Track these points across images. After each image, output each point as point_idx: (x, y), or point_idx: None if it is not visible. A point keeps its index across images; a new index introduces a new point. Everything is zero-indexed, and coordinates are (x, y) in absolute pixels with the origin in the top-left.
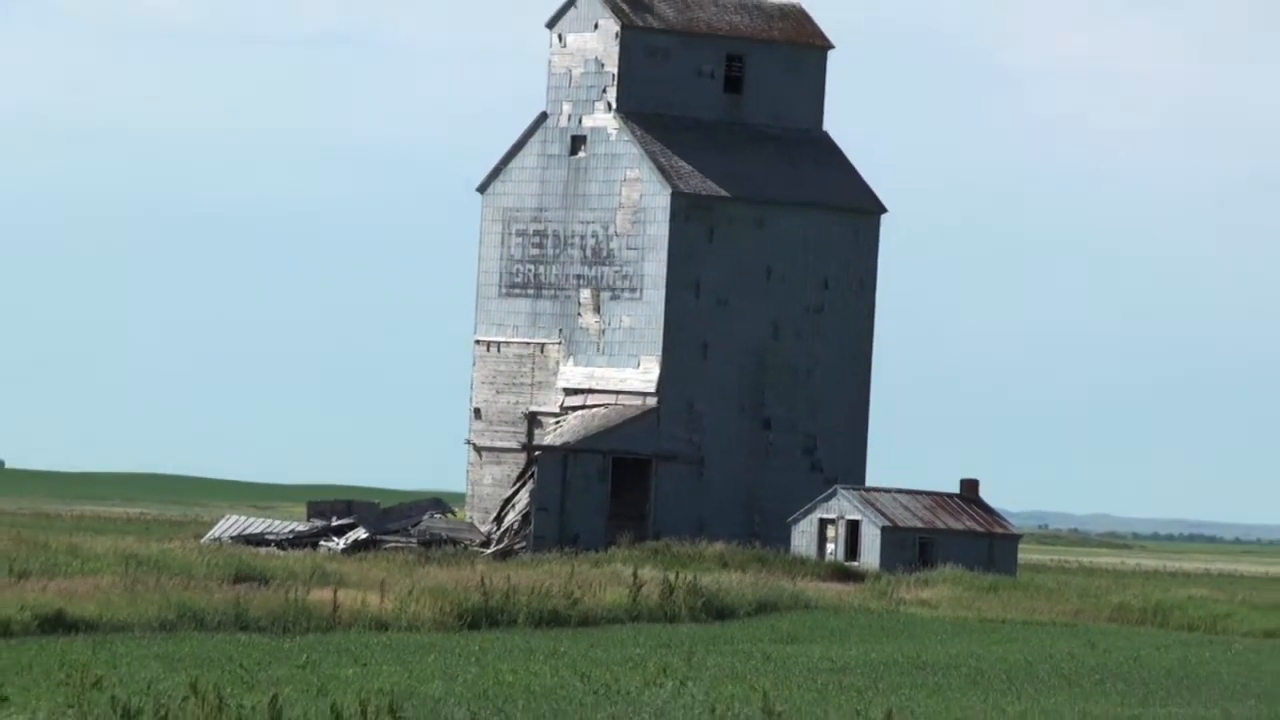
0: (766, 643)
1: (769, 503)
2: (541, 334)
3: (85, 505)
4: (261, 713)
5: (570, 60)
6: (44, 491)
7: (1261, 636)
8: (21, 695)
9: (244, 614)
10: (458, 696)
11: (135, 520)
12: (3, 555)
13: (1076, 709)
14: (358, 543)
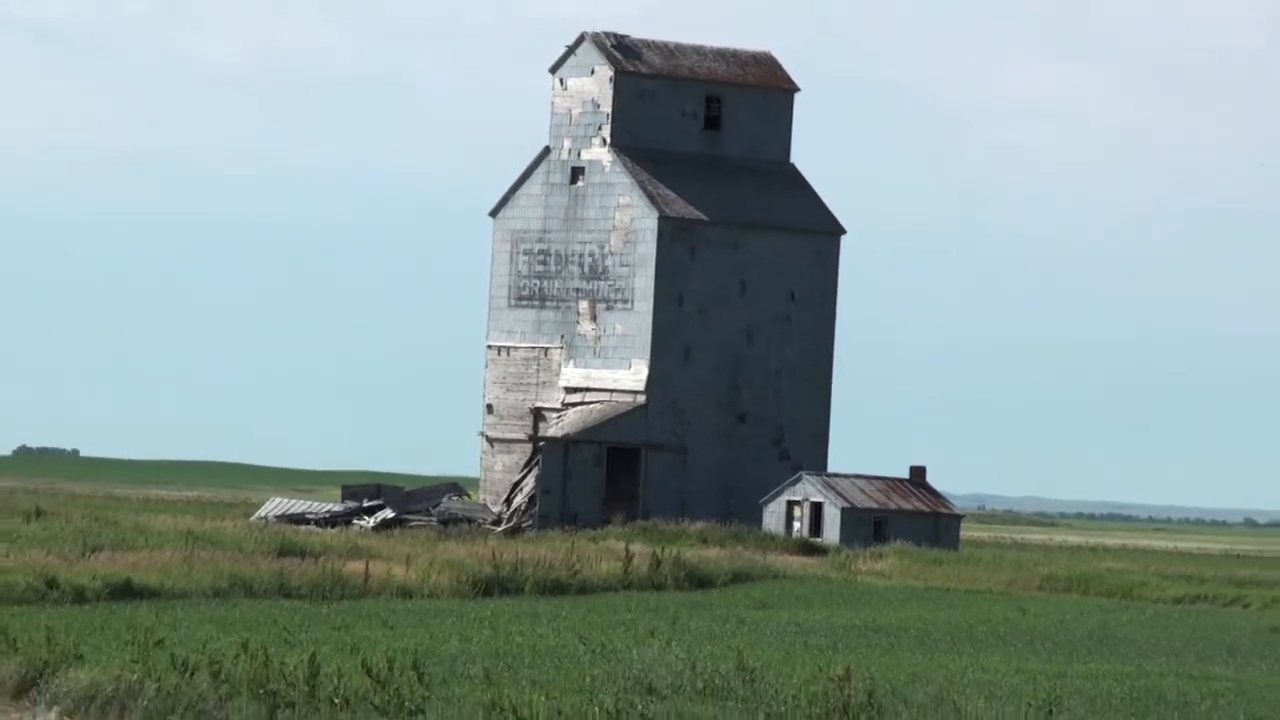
0: (741, 608)
1: (743, 487)
2: (545, 340)
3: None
4: (302, 669)
5: (570, 101)
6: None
7: (1171, 603)
8: (94, 654)
9: (287, 583)
10: (472, 655)
11: (193, 502)
12: (78, 532)
13: (1011, 666)
14: (385, 521)
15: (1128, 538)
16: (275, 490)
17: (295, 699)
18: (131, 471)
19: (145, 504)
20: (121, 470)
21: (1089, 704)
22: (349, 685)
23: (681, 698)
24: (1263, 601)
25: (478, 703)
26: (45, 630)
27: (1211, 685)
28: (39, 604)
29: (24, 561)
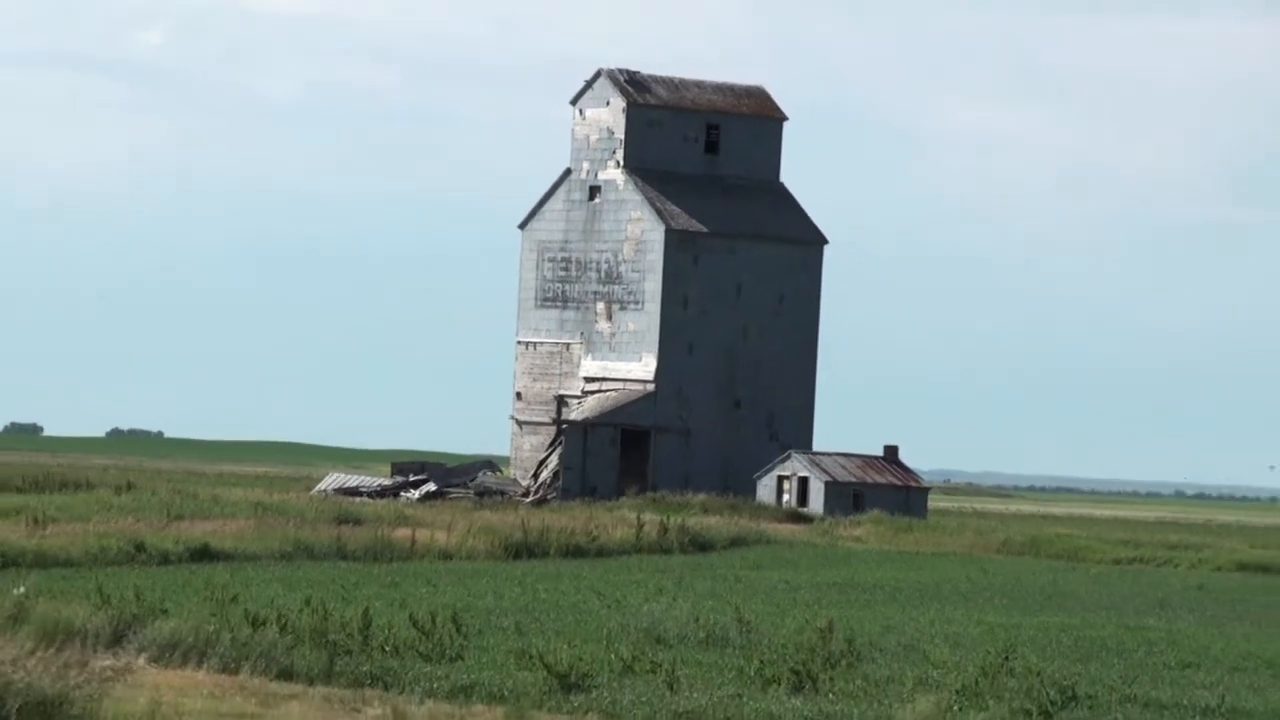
0: (738, 569)
1: (739, 463)
2: (567, 336)
3: (224, 465)
4: (356, 621)
5: (588, 129)
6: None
7: (1111, 564)
8: (177, 609)
9: (343, 547)
10: (504, 609)
11: (261, 477)
12: (162, 504)
13: (972, 618)
14: (429, 494)
15: (1074, 507)
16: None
17: (351, 647)
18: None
19: (220, 479)
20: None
21: (1040, 651)
22: (397, 635)
23: (686, 646)
24: (1190, 563)
25: (509, 650)
26: (134, 588)
27: (1146, 635)
28: (129, 565)
29: (116, 528)
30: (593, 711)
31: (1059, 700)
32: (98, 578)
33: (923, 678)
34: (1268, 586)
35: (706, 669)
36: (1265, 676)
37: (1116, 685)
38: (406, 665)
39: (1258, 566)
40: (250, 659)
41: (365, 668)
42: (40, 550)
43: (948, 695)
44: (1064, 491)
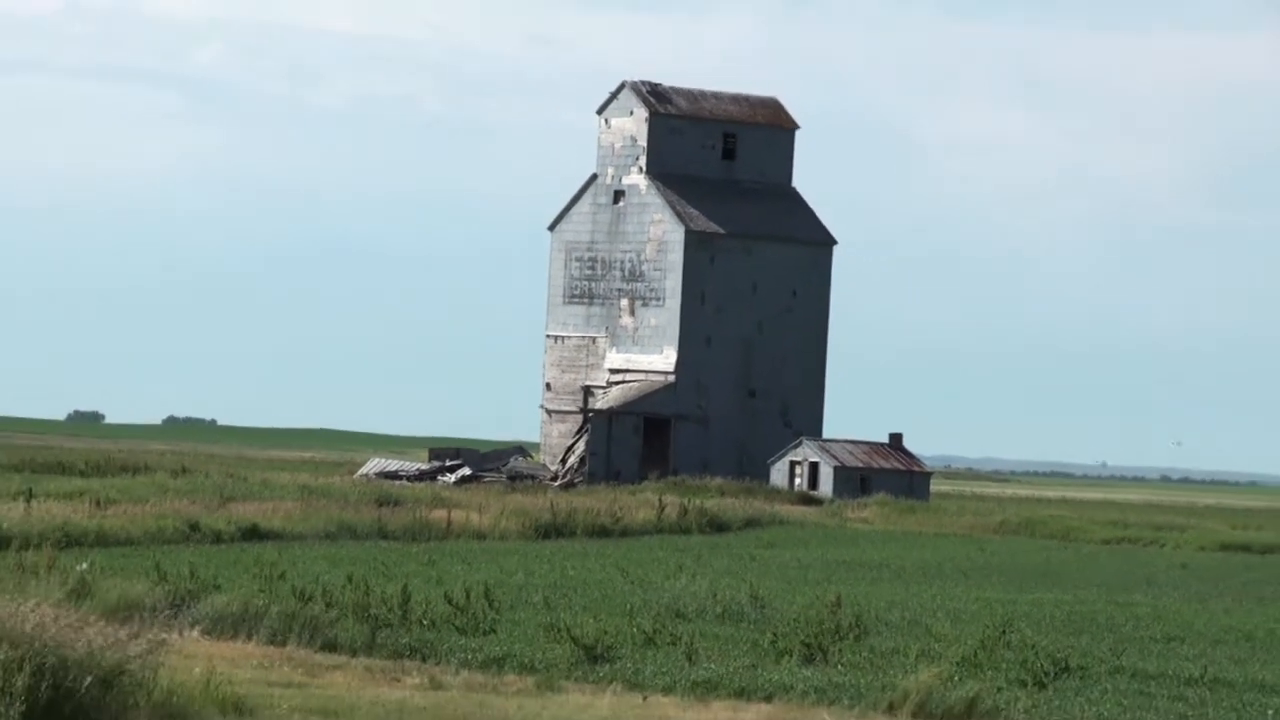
0: (752, 548)
1: (754, 449)
2: (593, 331)
3: (273, 451)
4: (396, 597)
5: (614, 137)
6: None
7: (1101, 543)
8: (229, 584)
9: (384, 527)
10: (534, 586)
11: (308, 462)
12: (215, 486)
13: (971, 594)
14: (464, 478)
15: (1066, 491)
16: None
17: (391, 620)
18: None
19: (269, 463)
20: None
21: (1035, 625)
22: (434, 610)
23: (704, 620)
24: (1175, 543)
25: (538, 624)
26: (189, 565)
27: (1134, 610)
28: (184, 544)
29: (172, 510)
30: (617, 681)
31: (1053, 671)
32: (155, 556)
33: (925, 650)
34: (1247, 565)
35: (723, 641)
36: (1245, 649)
37: (1106, 657)
38: (443, 638)
39: (1238, 546)
40: (297, 631)
41: (404, 640)
42: (102, 530)
43: (948, 666)
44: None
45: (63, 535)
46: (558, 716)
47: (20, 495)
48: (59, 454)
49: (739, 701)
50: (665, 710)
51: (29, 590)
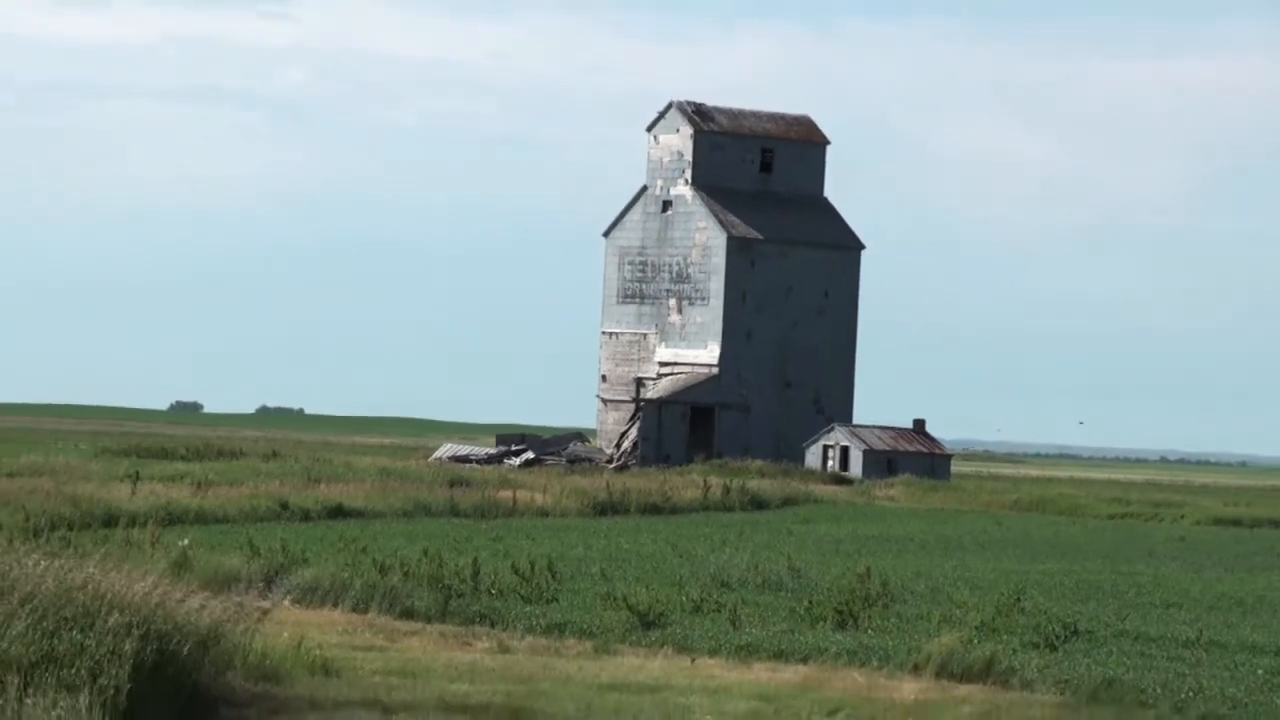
0: (789, 524)
1: (790, 435)
2: (644, 327)
3: (355, 437)
4: (467, 568)
5: (662, 152)
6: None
7: (1105, 518)
8: (316, 558)
9: (456, 506)
10: (592, 558)
11: (387, 447)
12: (303, 470)
13: (988, 565)
14: (528, 461)
15: (1074, 471)
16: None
17: (463, 590)
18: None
19: (352, 448)
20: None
21: (1046, 593)
22: (502, 580)
23: (746, 589)
24: (1173, 518)
25: (596, 593)
26: (280, 541)
27: (1135, 579)
28: (275, 521)
29: (264, 491)
30: (667, 644)
31: (1062, 634)
32: (249, 532)
33: (946, 615)
34: (1238, 538)
35: (763, 608)
36: (1236, 614)
37: (1111, 621)
38: (509, 606)
39: (1230, 521)
40: (377, 601)
41: (475, 608)
42: (201, 509)
43: (968, 630)
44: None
45: (166, 514)
46: (614, 677)
47: (128, 478)
48: (162, 441)
49: (778, 663)
50: (711, 671)
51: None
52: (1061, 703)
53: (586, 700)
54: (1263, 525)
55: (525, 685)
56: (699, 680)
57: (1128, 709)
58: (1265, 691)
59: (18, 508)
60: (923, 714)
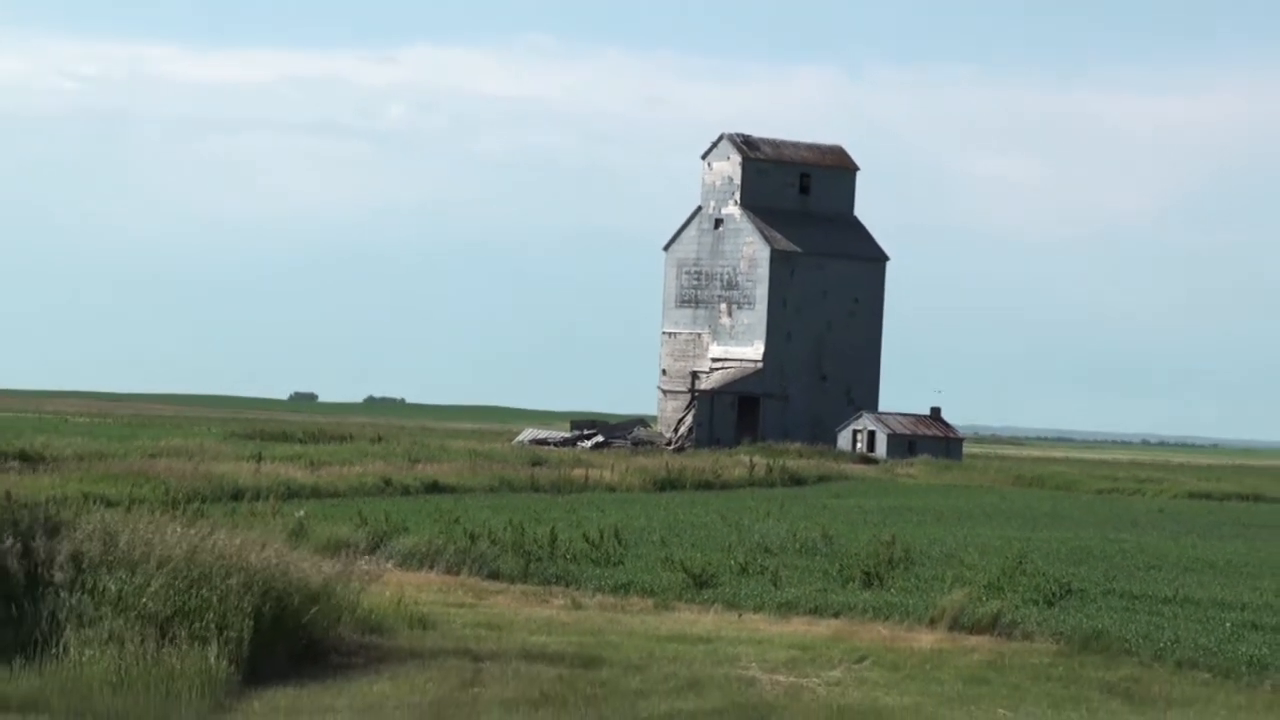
0: (824, 498)
1: (825, 420)
2: (699, 328)
3: (449, 423)
4: (545, 536)
5: (714, 177)
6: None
7: (1095, 493)
8: (415, 528)
9: (536, 482)
10: (653, 527)
11: (475, 432)
12: (404, 451)
13: (995, 533)
14: (598, 444)
15: (1069, 452)
16: (528, 423)
17: (541, 555)
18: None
19: (446, 433)
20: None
21: (1046, 557)
22: (575, 547)
23: (786, 554)
24: (1154, 493)
25: (656, 558)
26: (384, 513)
27: (1122, 545)
28: (380, 496)
29: (370, 469)
30: (718, 602)
31: (1058, 592)
32: (357, 505)
33: (958, 576)
34: (1209, 510)
35: (801, 570)
36: (1208, 575)
37: (1100, 581)
38: (582, 568)
39: (1203, 495)
40: (468, 564)
41: (552, 570)
42: (316, 485)
43: (977, 589)
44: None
45: (285, 489)
46: (672, 630)
47: (252, 458)
48: (282, 426)
49: (814, 617)
50: (756, 624)
51: (259, 532)
52: (1057, 651)
53: (648, 649)
54: (1231, 499)
55: (595, 637)
56: (745, 632)
57: (1114, 656)
58: (1232, 641)
59: (159, 483)
60: (938, 661)
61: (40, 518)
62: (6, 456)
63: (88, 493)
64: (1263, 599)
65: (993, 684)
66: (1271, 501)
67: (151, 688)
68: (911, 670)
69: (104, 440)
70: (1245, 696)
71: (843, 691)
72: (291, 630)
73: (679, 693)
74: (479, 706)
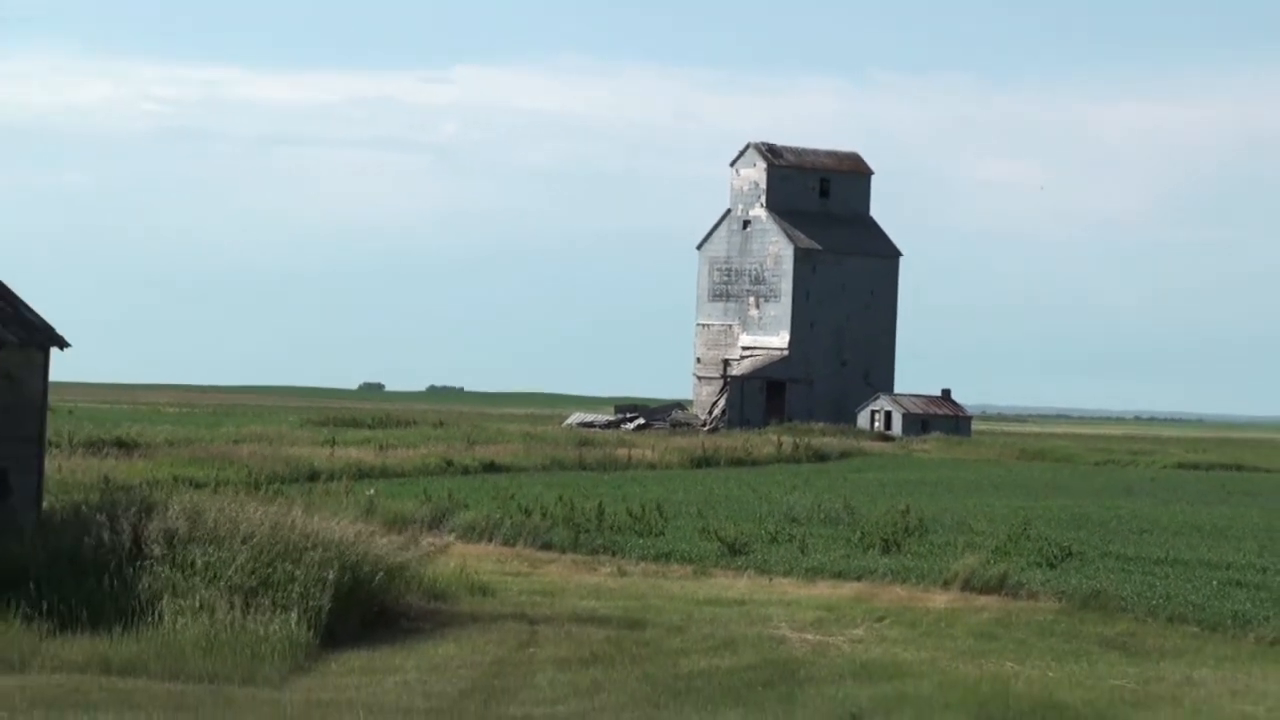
0: (845, 472)
1: (845, 402)
2: (729, 320)
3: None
4: (593, 510)
5: (742, 182)
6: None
7: (1093, 465)
8: (474, 504)
9: (583, 461)
10: (690, 501)
11: (528, 416)
12: (464, 435)
13: (1001, 502)
14: (640, 425)
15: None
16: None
17: (590, 527)
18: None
19: (501, 417)
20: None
21: (1048, 523)
22: (620, 519)
23: (812, 524)
24: (1146, 463)
25: (694, 528)
26: (446, 490)
27: (1117, 511)
28: (441, 475)
29: (433, 451)
30: (750, 568)
31: (1060, 555)
32: (422, 484)
33: (969, 542)
34: (1196, 479)
35: (826, 538)
36: (1196, 538)
37: (1098, 545)
38: (626, 539)
39: (1190, 465)
40: (523, 536)
41: (599, 541)
42: (384, 466)
43: (985, 553)
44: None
45: (356, 470)
46: (709, 593)
47: (326, 443)
48: (352, 413)
49: (838, 581)
50: (785, 588)
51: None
52: (1059, 609)
53: (688, 611)
54: (1215, 469)
55: (639, 601)
56: (775, 595)
57: (1111, 613)
58: (1218, 598)
59: (242, 466)
60: (951, 619)
61: (136, 499)
62: (105, 444)
63: (178, 476)
64: (1245, 559)
65: (1001, 639)
66: (1252, 470)
67: (238, 651)
68: (927, 628)
69: (192, 428)
70: (1231, 648)
71: (865, 648)
72: (364, 598)
73: (716, 651)
74: (535, 665)
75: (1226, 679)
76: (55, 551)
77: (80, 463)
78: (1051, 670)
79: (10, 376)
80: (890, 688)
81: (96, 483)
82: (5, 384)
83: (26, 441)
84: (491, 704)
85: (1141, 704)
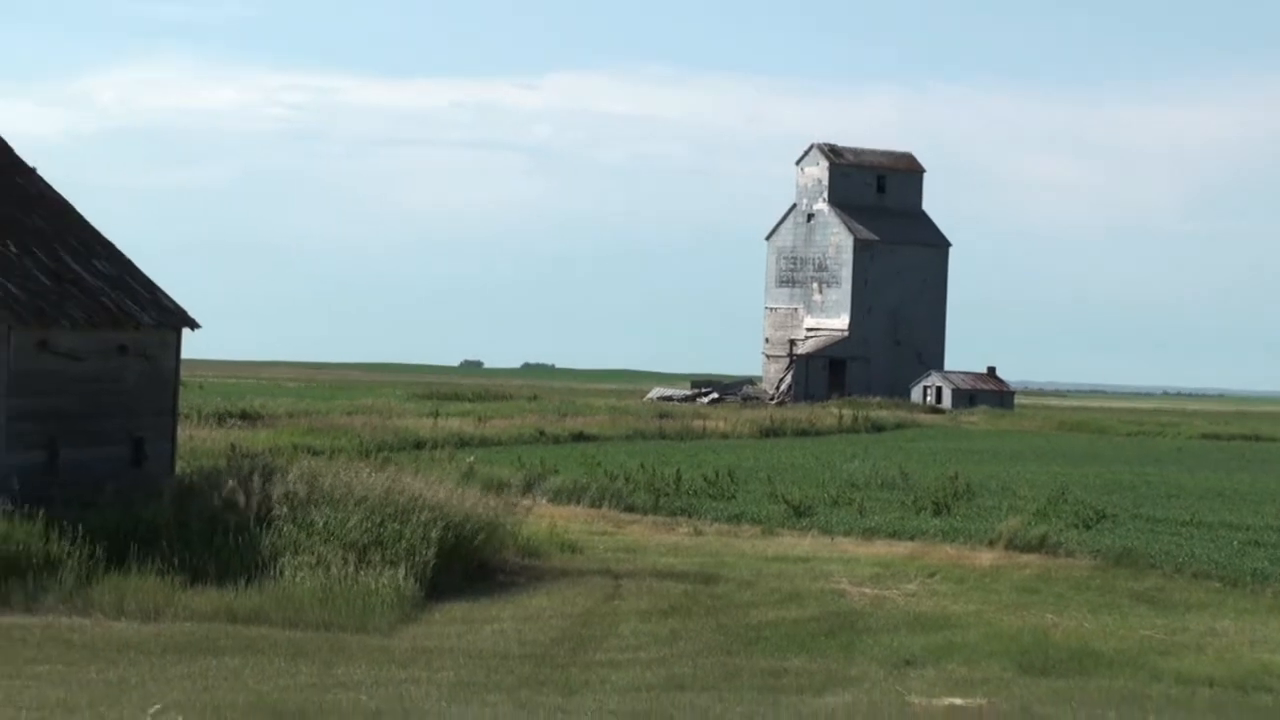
0: (901, 442)
1: (900, 378)
2: (795, 304)
3: (592, 384)
4: (672, 476)
5: (806, 179)
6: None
7: (1125, 435)
8: (564, 470)
9: (663, 431)
10: (760, 467)
11: (613, 391)
12: (555, 408)
13: (1042, 469)
14: (714, 399)
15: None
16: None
17: (668, 491)
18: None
19: (589, 392)
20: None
21: (1084, 488)
22: (696, 484)
23: (870, 489)
24: (1174, 434)
25: (763, 493)
26: (539, 458)
27: (1147, 478)
28: (534, 444)
29: (527, 422)
30: (814, 528)
31: (1095, 517)
32: (517, 452)
33: (1012, 505)
34: (1219, 449)
35: (883, 502)
36: (1219, 502)
37: (1129, 508)
38: (701, 502)
39: (1213, 436)
40: (608, 499)
41: (677, 504)
42: (482, 436)
43: (1027, 515)
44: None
45: (457, 439)
46: (777, 551)
47: (430, 415)
48: (454, 388)
49: (894, 540)
50: (845, 546)
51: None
52: (1094, 566)
53: (757, 568)
54: (1236, 439)
55: (714, 558)
56: (836, 553)
57: (1142, 569)
58: (1239, 557)
59: (355, 436)
60: (996, 575)
61: (260, 465)
62: (231, 415)
63: (297, 444)
64: (1264, 521)
65: (1041, 593)
66: (1269, 440)
67: (351, 602)
68: (974, 583)
69: (310, 401)
70: (1250, 601)
71: (917, 601)
72: (465, 555)
73: (782, 603)
74: (619, 616)
75: (1246, 630)
76: (187, 512)
77: (209, 432)
78: (1087, 621)
79: (147, 355)
80: (940, 637)
81: (224, 450)
82: (142, 362)
83: (161, 413)
84: (580, 651)
85: (1169, 652)
